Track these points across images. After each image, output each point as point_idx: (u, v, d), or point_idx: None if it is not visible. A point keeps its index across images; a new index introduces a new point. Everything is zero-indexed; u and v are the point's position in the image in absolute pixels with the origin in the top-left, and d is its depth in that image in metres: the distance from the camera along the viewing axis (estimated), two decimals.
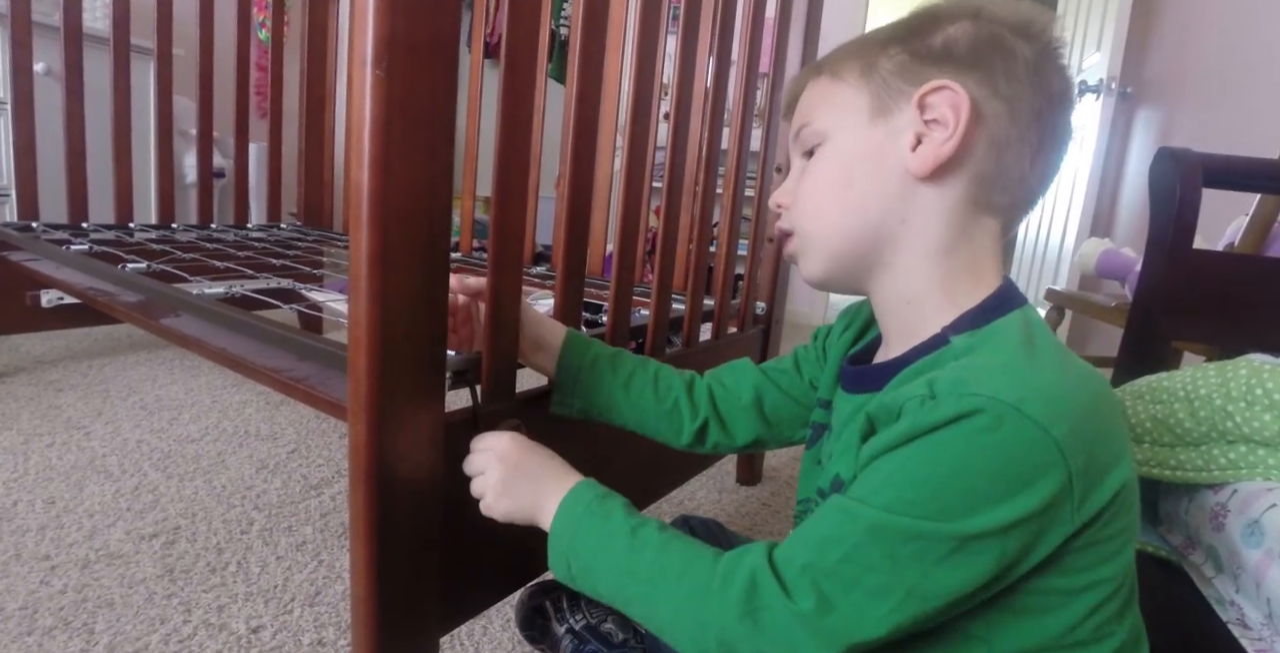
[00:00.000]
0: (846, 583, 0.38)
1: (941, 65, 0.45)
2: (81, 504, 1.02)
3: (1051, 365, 0.41)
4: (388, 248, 0.46)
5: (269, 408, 1.46)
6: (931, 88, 0.44)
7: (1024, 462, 0.36)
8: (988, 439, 0.36)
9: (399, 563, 0.53)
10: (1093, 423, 0.38)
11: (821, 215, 0.49)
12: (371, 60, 0.43)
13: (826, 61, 0.51)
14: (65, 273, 1.22)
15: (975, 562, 0.36)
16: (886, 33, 0.48)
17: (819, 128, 0.49)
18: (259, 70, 2.64)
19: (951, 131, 0.44)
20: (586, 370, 0.64)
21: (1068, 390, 0.38)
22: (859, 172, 0.48)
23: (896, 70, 0.46)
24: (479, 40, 1.67)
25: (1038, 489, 0.36)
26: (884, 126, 0.47)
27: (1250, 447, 0.61)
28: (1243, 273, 0.84)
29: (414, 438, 0.52)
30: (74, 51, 1.49)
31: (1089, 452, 0.37)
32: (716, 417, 0.65)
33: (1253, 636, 0.57)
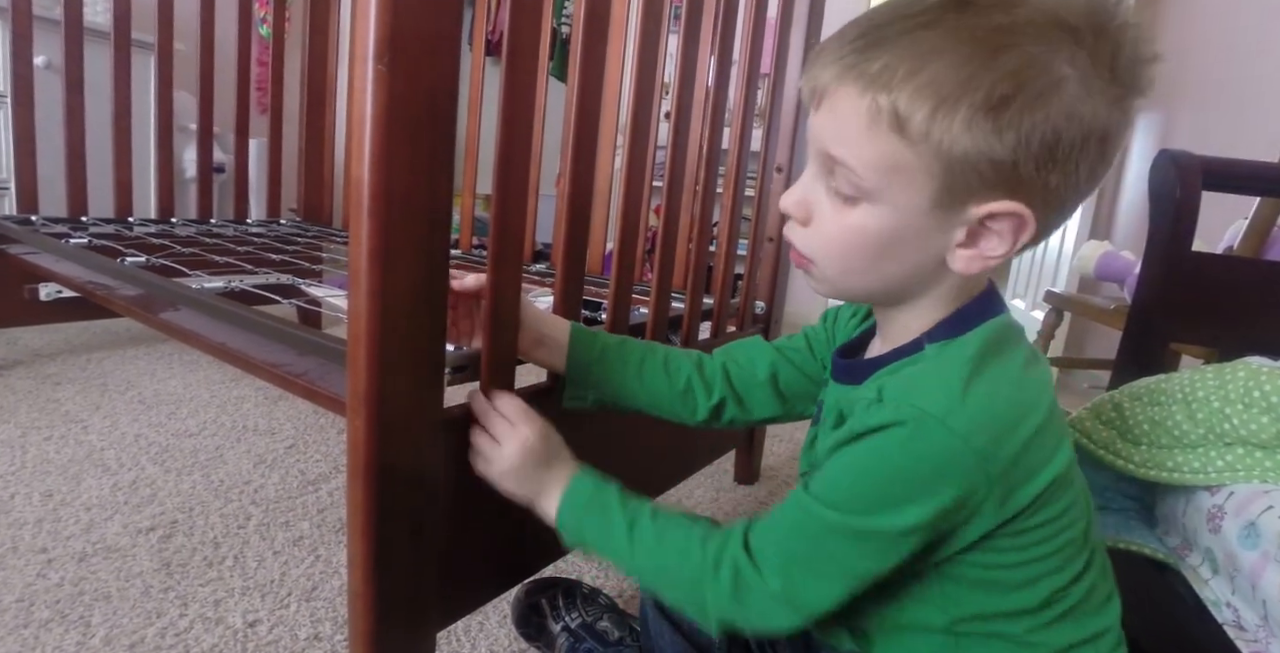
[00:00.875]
0: (802, 567, 0.45)
1: (1021, 176, 0.40)
2: (79, 498, 1.02)
3: (990, 380, 0.43)
4: (388, 243, 0.46)
5: (267, 403, 1.46)
6: (1004, 211, 0.42)
7: (942, 468, 0.41)
8: (912, 447, 0.41)
9: (396, 559, 0.53)
10: (1019, 433, 0.42)
11: (847, 272, 0.48)
12: (373, 55, 0.43)
13: (884, 84, 0.40)
14: (64, 266, 1.22)
15: (893, 550, 0.43)
16: (968, 77, 0.39)
17: (867, 186, 0.43)
18: (260, 66, 2.63)
19: (1008, 249, 0.43)
20: (596, 363, 0.65)
21: (996, 405, 0.42)
22: (896, 251, 0.45)
23: (974, 165, 0.40)
24: (480, 38, 1.67)
25: (948, 493, 0.41)
26: (940, 217, 0.43)
27: (1247, 449, 0.61)
28: (1241, 276, 0.85)
29: (413, 434, 0.52)
30: (75, 45, 1.49)
31: (1012, 458, 0.42)
32: (733, 393, 0.66)
33: (1248, 637, 0.57)
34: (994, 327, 0.47)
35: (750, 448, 1.27)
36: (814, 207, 0.47)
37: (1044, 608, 0.46)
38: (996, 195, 0.41)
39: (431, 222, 0.48)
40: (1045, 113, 0.39)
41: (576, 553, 0.97)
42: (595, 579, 0.94)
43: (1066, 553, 0.46)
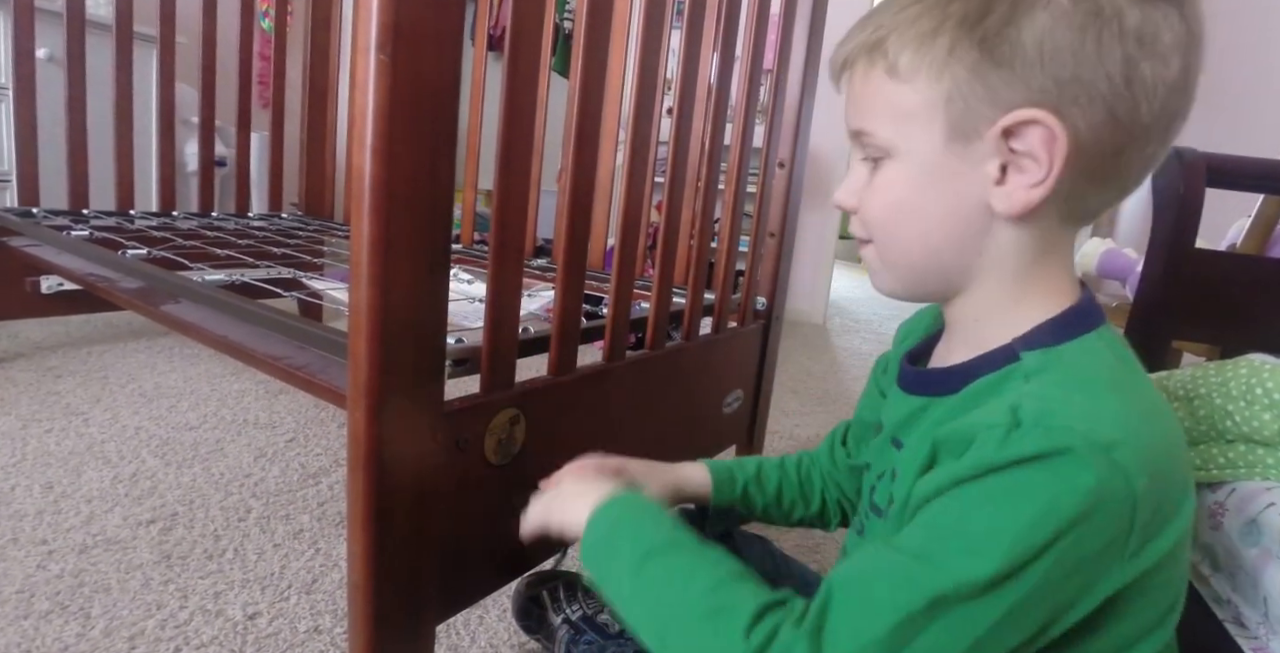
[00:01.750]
0: (893, 647, 0.35)
1: (1029, 79, 0.37)
2: (79, 490, 1.02)
3: (1139, 403, 0.38)
4: (389, 235, 0.46)
5: (268, 396, 1.46)
6: (1018, 122, 0.38)
7: (1097, 509, 0.34)
8: (1072, 482, 0.33)
9: (396, 551, 0.53)
10: (1167, 470, 0.36)
11: (893, 237, 0.45)
12: (376, 45, 0.43)
13: (879, 44, 0.42)
14: (65, 259, 1.22)
15: (1031, 616, 0.35)
16: (944, 8, 0.39)
17: (883, 142, 0.43)
18: (262, 59, 2.63)
19: (1046, 174, 0.38)
20: (740, 503, 0.66)
21: (1153, 435, 0.36)
22: (932, 201, 0.42)
23: (973, 82, 0.38)
24: (483, 33, 1.66)
25: (1100, 539, 0.34)
26: (961, 152, 0.40)
27: (1249, 446, 0.61)
28: (1244, 274, 0.84)
29: (413, 426, 0.52)
30: (77, 38, 1.49)
31: (1156, 505, 0.35)
32: (847, 501, 0.67)
33: (1249, 634, 0.57)
34: (1108, 338, 0.42)
35: (750, 445, 1.27)
36: (857, 188, 0.46)
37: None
38: (1005, 104, 0.38)
39: (433, 214, 0.48)
40: (1031, 17, 0.37)
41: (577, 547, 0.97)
42: None
43: (1168, 621, 0.40)
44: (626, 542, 0.46)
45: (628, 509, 0.49)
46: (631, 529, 0.47)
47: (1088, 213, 0.43)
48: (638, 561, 0.44)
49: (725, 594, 0.40)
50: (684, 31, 0.86)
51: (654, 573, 0.43)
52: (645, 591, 0.43)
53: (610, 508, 0.49)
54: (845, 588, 0.37)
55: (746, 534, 0.73)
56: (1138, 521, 0.34)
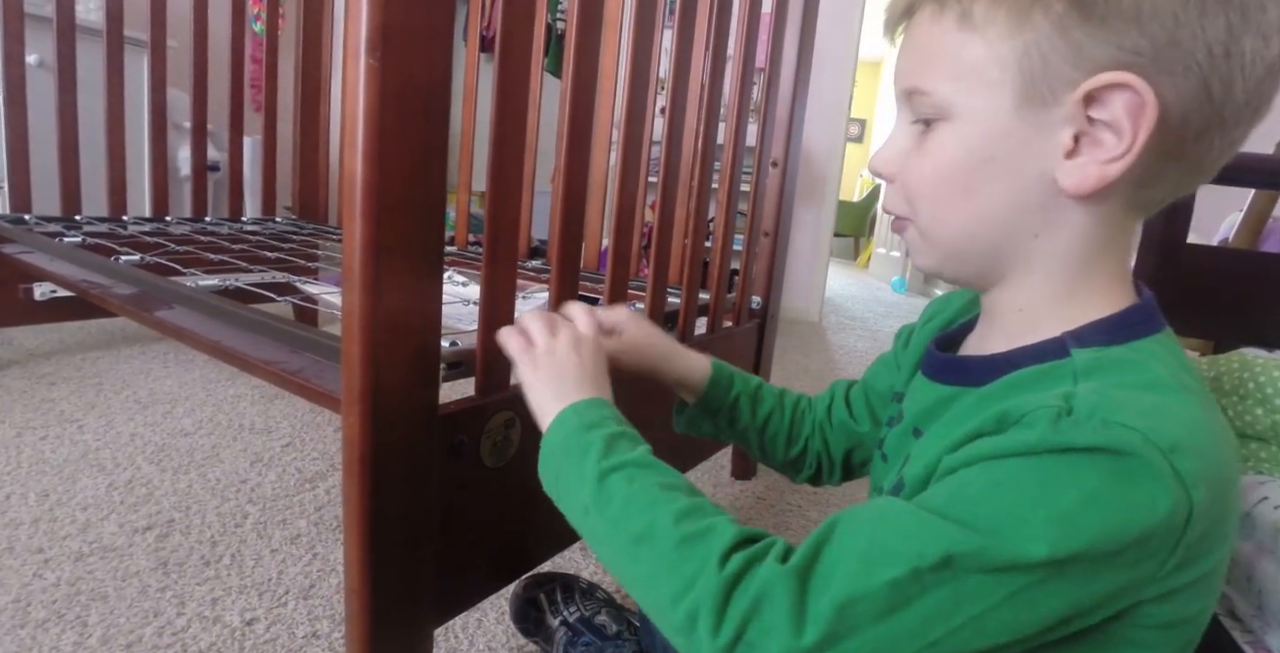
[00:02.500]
0: (886, 608, 0.31)
1: (1122, 38, 0.33)
2: (75, 497, 1.02)
3: (1203, 415, 0.34)
4: (381, 238, 0.46)
5: (263, 401, 1.46)
6: (1104, 85, 0.33)
7: (1154, 519, 0.30)
8: (1130, 486, 0.30)
9: (393, 555, 0.53)
10: (1224, 493, 0.32)
11: (940, 211, 0.40)
12: (365, 49, 0.43)
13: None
14: (58, 266, 1.21)
15: (1052, 599, 0.31)
16: None
17: (940, 100, 0.38)
18: (254, 63, 2.62)
19: (1127, 147, 0.34)
20: (726, 409, 0.63)
21: (1216, 450, 0.33)
22: (991, 172, 0.37)
23: (1056, 37, 0.34)
24: (474, 34, 1.66)
25: (1146, 548, 0.30)
26: (1032, 117, 0.36)
27: (1242, 440, 0.61)
28: (1237, 268, 0.85)
29: (408, 430, 0.52)
30: (67, 43, 1.48)
31: (1207, 525, 0.31)
32: (828, 456, 0.63)
33: (1243, 628, 0.57)
34: (1168, 344, 0.38)
35: None
36: (899, 156, 0.41)
37: None
38: (1093, 66, 0.33)
39: (425, 217, 0.48)
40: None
41: (576, 548, 0.97)
42: (593, 574, 0.94)
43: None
44: (592, 456, 0.42)
45: (595, 417, 0.45)
46: (598, 440, 0.43)
47: (1154, 202, 0.38)
48: (600, 474, 0.41)
49: (699, 520, 0.36)
50: (675, 31, 0.86)
51: (617, 490, 0.40)
52: (606, 507, 0.40)
53: (576, 412, 0.46)
54: (848, 530, 0.33)
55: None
56: (1186, 538, 0.31)
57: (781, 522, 1.13)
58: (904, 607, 0.30)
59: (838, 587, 0.31)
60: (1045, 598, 0.30)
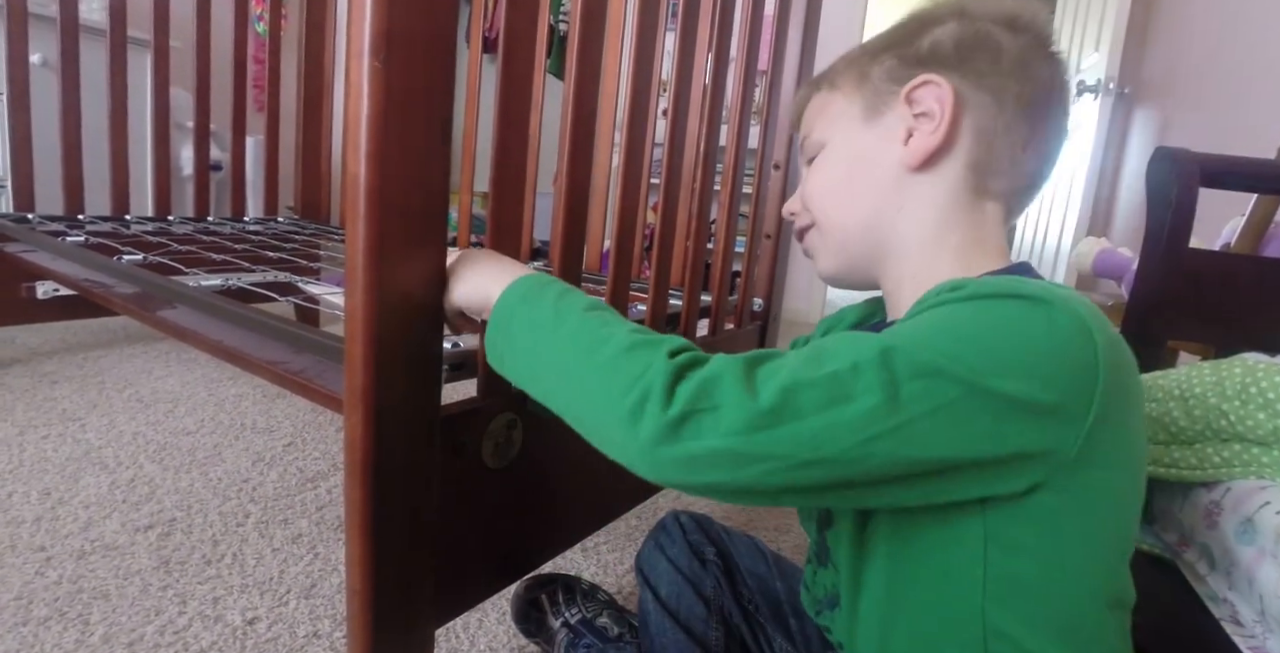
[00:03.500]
0: (826, 398, 0.32)
1: (928, 65, 0.47)
2: (77, 496, 1.02)
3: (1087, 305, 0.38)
4: (384, 240, 0.46)
5: (265, 401, 1.46)
6: (917, 83, 0.47)
7: (1067, 348, 0.33)
8: (1038, 315, 0.34)
9: (394, 556, 0.53)
10: (1122, 361, 0.36)
11: (825, 212, 0.52)
12: (369, 51, 0.43)
13: (825, 76, 0.54)
14: (61, 264, 1.21)
15: (975, 421, 0.33)
16: (879, 42, 0.51)
17: (819, 137, 0.53)
18: (256, 63, 2.63)
19: (938, 122, 0.46)
20: None
21: (1111, 330, 0.37)
22: (856, 170, 0.51)
23: (887, 75, 0.49)
24: (477, 35, 1.66)
25: (1062, 376, 0.33)
26: (877, 126, 0.49)
27: (1244, 445, 0.61)
28: (1239, 273, 0.85)
29: (410, 431, 0.52)
30: (70, 43, 1.49)
31: (1113, 388, 0.34)
32: None
33: (1245, 633, 0.57)
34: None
35: None
36: (800, 192, 0.55)
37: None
38: (909, 81, 0.48)
39: (428, 219, 0.48)
40: (936, 27, 0.48)
41: (577, 550, 0.97)
42: (595, 576, 0.94)
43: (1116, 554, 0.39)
44: (546, 302, 0.44)
45: (545, 279, 0.47)
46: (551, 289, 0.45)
47: (994, 192, 0.48)
48: (555, 300, 0.43)
49: (650, 333, 0.39)
50: (678, 33, 0.86)
51: (571, 311, 0.42)
52: (560, 326, 0.41)
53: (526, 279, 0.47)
54: (795, 350, 0.39)
55: (734, 532, 0.73)
56: (1099, 386, 0.33)
57: (782, 521, 1.13)
58: (844, 401, 0.32)
59: (784, 375, 0.33)
60: (971, 417, 0.32)
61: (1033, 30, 0.48)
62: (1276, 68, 1.68)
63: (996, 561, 0.36)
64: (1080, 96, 2.31)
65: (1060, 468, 0.34)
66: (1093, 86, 2.22)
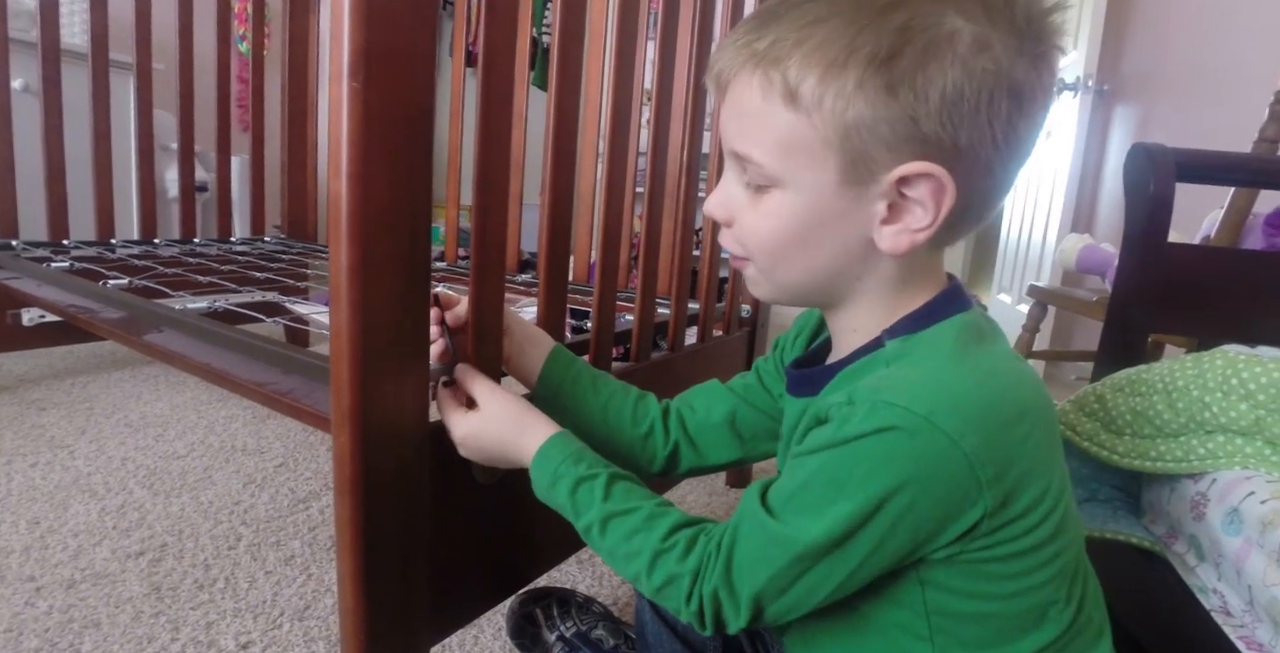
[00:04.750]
0: (777, 592, 0.42)
1: (928, 131, 0.39)
2: (66, 524, 1.01)
3: (973, 375, 0.41)
4: (368, 259, 0.46)
5: (255, 422, 1.45)
6: (915, 173, 0.40)
7: (931, 472, 0.38)
8: (895, 449, 0.38)
9: (387, 574, 0.53)
10: (1015, 432, 0.39)
11: (775, 263, 0.46)
12: (348, 72, 0.43)
13: (778, 62, 0.40)
14: (46, 291, 1.21)
15: (882, 560, 0.40)
16: (853, 37, 0.38)
17: (771, 172, 0.43)
18: (240, 83, 2.63)
19: (931, 220, 0.41)
20: (568, 385, 0.63)
21: (984, 402, 0.39)
22: (819, 236, 0.44)
23: (875, 125, 0.39)
24: (460, 48, 1.67)
25: (938, 494, 0.38)
26: (853, 193, 0.42)
27: (1228, 436, 0.62)
28: (1218, 266, 0.86)
29: (399, 448, 0.52)
30: (52, 67, 1.49)
31: (1006, 461, 0.39)
32: (687, 438, 0.63)
33: (1235, 622, 0.57)
34: (965, 320, 0.44)
35: None
36: (734, 205, 0.46)
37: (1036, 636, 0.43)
38: (905, 159, 0.40)
39: (412, 236, 0.48)
40: (939, 65, 0.38)
41: (572, 562, 0.97)
42: (590, 588, 0.93)
43: (1058, 583, 0.43)
44: (569, 509, 0.51)
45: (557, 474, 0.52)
46: (568, 499, 0.51)
47: (955, 239, 0.46)
48: (583, 531, 0.50)
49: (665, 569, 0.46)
50: (659, 42, 0.87)
51: (598, 541, 0.49)
52: (600, 548, 0.50)
53: (543, 468, 0.53)
54: (737, 537, 0.44)
55: None
56: (981, 476, 0.38)
57: None
58: (791, 587, 0.41)
59: (747, 585, 0.42)
60: (890, 545, 0.39)
61: (1049, 45, 0.40)
62: (1254, 64, 1.71)
63: (933, 599, 0.43)
64: (1060, 94, 2.34)
65: (976, 538, 0.40)
66: (1072, 84, 2.25)
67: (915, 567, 0.42)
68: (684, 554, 0.45)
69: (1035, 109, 0.41)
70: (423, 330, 0.52)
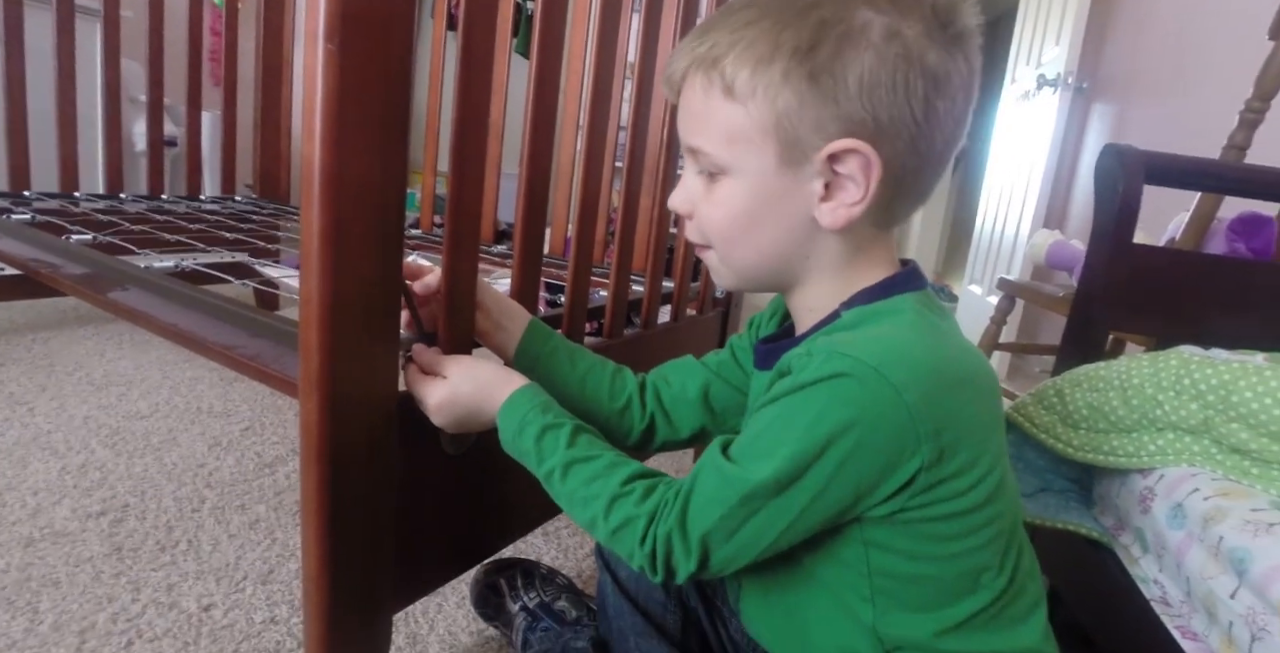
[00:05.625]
0: (719, 538, 0.45)
1: (850, 112, 0.43)
2: (25, 482, 0.99)
3: (926, 339, 0.45)
4: (340, 225, 0.45)
5: (222, 384, 1.44)
6: (845, 149, 0.44)
7: (874, 420, 0.40)
8: (843, 394, 0.41)
9: (351, 542, 0.53)
10: (960, 395, 0.43)
11: (733, 246, 0.50)
12: (324, 34, 0.42)
13: (716, 62, 0.46)
14: (6, 244, 1.17)
15: (826, 506, 0.43)
16: (778, 34, 0.44)
17: (720, 161, 0.48)
18: (213, 35, 2.54)
19: (863, 194, 0.45)
20: (545, 359, 0.64)
21: (931, 363, 0.42)
22: (766, 215, 0.48)
23: (802, 110, 0.44)
24: (441, 10, 1.63)
25: (879, 440, 0.41)
26: (791, 173, 0.46)
27: (1177, 434, 0.64)
28: (1181, 268, 0.88)
29: (367, 417, 0.52)
30: (14, 11, 1.42)
31: (945, 418, 0.41)
32: (662, 412, 0.65)
33: (1173, 612, 0.60)
34: (921, 297, 0.49)
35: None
36: (693, 198, 0.51)
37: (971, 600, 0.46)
38: (833, 138, 0.44)
39: (385, 203, 0.48)
40: (855, 54, 0.42)
41: (537, 534, 0.98)
42: (554, 560, 0.95)
43: (993, 549, 0.46)
44: (533, 454, 0.53)
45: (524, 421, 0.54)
46: (533, 445, 0.53)
47: (895, 219, 0.49)
48: (543, 477, 0.52)
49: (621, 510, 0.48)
50: (643, 15, 0.86)
51: (558, 486, 0.51)
52: (559, 495, 0.52)
53: (510, 416, 0.54)
54: (694, 483, 0.46)
55: None
56: (920, 429, 0.41)
57: None
58: (739, 530, 0.44)
59: (698, 526, 0.45)
60: (833, 491, 0.42)
61: (957, 28, 0.44)
62: (1230, 66, 1.73)
63: (875, 559, 0.46)
64: (1040, 90, 2.35)
65: (914, 494, 0.43)
66: (1052, 81, 2.26)
67: (859, 525, 0.45)
68: (641, 498, 0.47)
69: (954, 90, 0.45)
70: (394, 299, 0.51)
